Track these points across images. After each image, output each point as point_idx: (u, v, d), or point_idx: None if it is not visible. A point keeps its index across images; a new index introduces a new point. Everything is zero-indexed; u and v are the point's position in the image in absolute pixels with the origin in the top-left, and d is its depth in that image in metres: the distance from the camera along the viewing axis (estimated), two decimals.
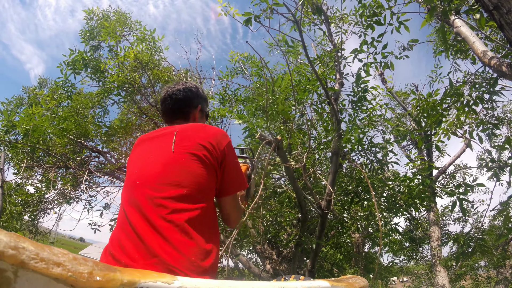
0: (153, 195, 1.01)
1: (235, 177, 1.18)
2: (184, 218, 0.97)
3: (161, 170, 1.06)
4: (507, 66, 3.06)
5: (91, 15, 6.45)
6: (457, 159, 9.34)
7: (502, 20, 2.40)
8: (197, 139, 1.10)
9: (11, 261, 0.44)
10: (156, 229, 0.95)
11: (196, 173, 1.05)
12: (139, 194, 1.04)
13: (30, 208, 5.45)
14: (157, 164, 1.08)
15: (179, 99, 1.34)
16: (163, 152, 1.10)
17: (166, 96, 1.34)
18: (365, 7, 4.06)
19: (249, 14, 3.36)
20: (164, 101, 1.35)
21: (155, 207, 0.98)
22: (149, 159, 1.12)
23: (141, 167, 1.12)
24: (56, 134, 5.44)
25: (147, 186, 1.04)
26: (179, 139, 1.11)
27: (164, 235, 0.94)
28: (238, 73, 6.35)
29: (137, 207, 1.02)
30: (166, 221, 0.96)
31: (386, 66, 4.11)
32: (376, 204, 2.77)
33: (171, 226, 0.95)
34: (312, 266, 4.18)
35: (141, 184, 1.06)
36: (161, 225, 0.95)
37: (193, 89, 1.38)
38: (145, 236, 0.95)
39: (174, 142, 1.10)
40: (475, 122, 4.15)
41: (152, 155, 1.13)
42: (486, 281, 8.42)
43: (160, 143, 1.15)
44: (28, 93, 7.84)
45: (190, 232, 0.96)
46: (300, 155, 4.03)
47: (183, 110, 1.34)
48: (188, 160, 1.06)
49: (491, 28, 4.39)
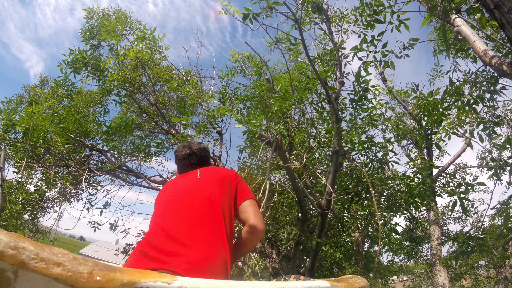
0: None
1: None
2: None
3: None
4: (508, 65, 3.05)
5: (91, 14, 6.44)
6: (458, 158, 9.33)
7: (503, 19, 2.40)
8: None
9: (11, 261, 0.43)
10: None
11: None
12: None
13: (30, 207, 5.44)
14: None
15: (201, 157, 1.76)
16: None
17: (191, 153, 1.73)
18: (365, 5, 4.05)
19: (248, 10, 3.35)
20: (188, 156, 1.73)
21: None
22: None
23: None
24: (56, 133, 5.43)
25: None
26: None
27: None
28: (239, 72, 6.34)
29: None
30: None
31: (386, 65, 4.10)
32: (376, 203, 2.77)
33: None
34: (312, 265, 4.17)
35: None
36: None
37: (207, 148, 1.83)
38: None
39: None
40: (476, 121, 4.14)
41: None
42: (486, 281, 8.43)
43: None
44: (29, 92, 7.82)
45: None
46: (300, 155, 4.03)
47: (204, 164, 1.78)
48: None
49: (492, 27, 4.37)
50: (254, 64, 5.92)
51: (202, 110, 6.98)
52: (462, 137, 4.41)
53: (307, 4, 4.15)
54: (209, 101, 6.22)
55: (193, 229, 1.22)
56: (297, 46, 5.45)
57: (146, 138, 7.20)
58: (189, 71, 7.41)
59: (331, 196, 3.90)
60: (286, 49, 5.26)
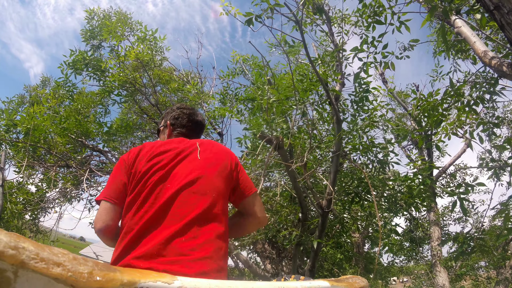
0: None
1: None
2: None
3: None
4: (508, 66, 3.06)
5: (92, 15, 6.46)
6: (458, 159, 9.32)
7: (502, 20, 2.40)
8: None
9: (11, 261, 0.43)
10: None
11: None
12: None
13: (31, 207, 5.46)
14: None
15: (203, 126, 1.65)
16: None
17: (202, 126, 1.61)
18: (366, 6, 4.05)
19: (250, 14, 3.36)
20: (200, 126, 1.60)
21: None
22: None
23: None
24: (57, 133, 5.45)
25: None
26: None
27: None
28: (239, 73, 6.36)
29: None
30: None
31: (386, 66, 4.11)
32: (376, 204, 2.77)
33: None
34: (312, 265, 4.17)
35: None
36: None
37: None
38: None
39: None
40: (476, 122, 4.14)
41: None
42: (486, 282, 8.41)
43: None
44: (30, 92, 7.85)
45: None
46: (301, 155, 4.03)
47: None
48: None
49: (492, 28, 4.38)
50: (255, 65, 5.92)
51: (203, 111, 6.99)
52: (462, 137, 4.41)
53: (308, 6, 4.15)
54: (210, 102, 6.23)
55: (197, 238, 1.07)
56: (298, 47, 5.46)
57: (147, 139, 7.21)
58: (189, 72, 7.42)
59: (332, 196, 3.90)
60: (287, 51, 5.26)
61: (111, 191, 1.22)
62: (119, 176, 1.26)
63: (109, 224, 1.18)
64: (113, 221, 1.19)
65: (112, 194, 1.22)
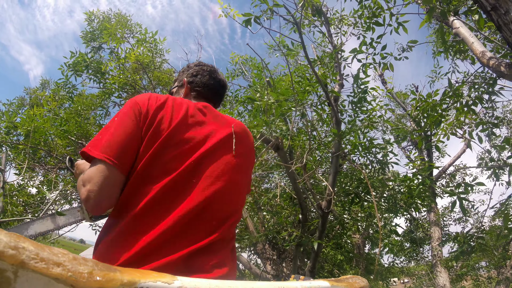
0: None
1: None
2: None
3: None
4: (506, 66, 3.07)
5: (92, 17, 6.49)
6: (457, 159, 9.34)
7: (500, 21, 2.42)
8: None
9: (11, 261, 0.44)
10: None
11: None
12: None
13: (32, 209, 5.47)
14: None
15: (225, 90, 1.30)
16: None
17: (224, 90, 1.27)
18: (364, 8, 4.07)
19: (249, 15, 3.38)
20: (222, 89, 1.26)
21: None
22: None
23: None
24: (57, 135, 5.46)
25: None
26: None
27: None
28: (239, 74, 6.37)
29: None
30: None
31: (385, 67, 4.12)
32: (376, 204, 2.78)
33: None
34: (313, 266, 4.18)
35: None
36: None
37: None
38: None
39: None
40: (475, 122, 4.15)
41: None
42: (487, 281, 8.40)
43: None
44: (30, 94, 7.87)
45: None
46: (301, 156, 4.04)
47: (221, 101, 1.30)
48: None
49: (490, 28, 4.39)
50: (254, 66, 5.94)
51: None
52: (461, 137, 4.42)
53: (307, 7, 4.17)
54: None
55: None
56: (297, 49, 5.48)
57: None
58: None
59: (331, 196, 3.91)
60: (286, 53, 5.28)
61: (117, 148, 0.81)
62: (132, 127, 0.85)
63: (113, 204, 0.82)
64: (116, 199, 0.83)
65: (118, 154, 0.81)
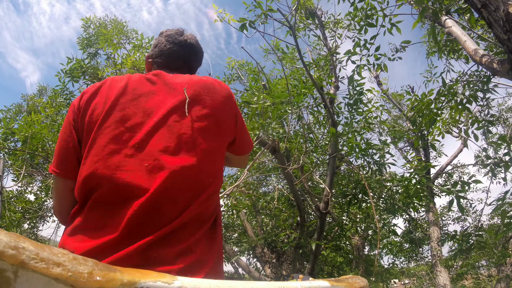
0: None
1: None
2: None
3: None
4: (498, 62, 3.10)
5: (88, 23, 6.51)
6: (454, 159, 9.38)
7: (490, 18, 2.45)
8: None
9: (11, 261, 0.45)
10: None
11: None
12: None
13: (30, 215, 5.45)
14: None
15: (194, 63, 1.09)
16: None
17: (191, 43, 1.06)
18: (358, 9, 4.11)
19: (244, 20, 3.41)
20: (189, 45, 1.05)
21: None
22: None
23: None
24: (55, 142, 5.45)
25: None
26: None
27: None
28: (235, 79, 6.40)
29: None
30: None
31: (379, 67, 4.16)
32: (373, 205, 2.79)
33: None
34: (312, 268, 4.18)
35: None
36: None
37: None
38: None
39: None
40: (470, 120, 4.18)
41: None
42: (487, 280, 8.41)
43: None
44: (27, 101, 7.86)
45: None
46: (298, 158, 4.05)
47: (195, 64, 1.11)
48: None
49: (482, 26, 4.44)
50: (250, 70, 5.97)
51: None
52: (457, 136, 4.45)
53: (301, 11, 4.21)
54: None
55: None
56: (292, 53, 5.51)
57: None
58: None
59: (329, 197, 3.93)
60: (282, 57, 5.32)
61: (58, 157, 0.85)
62: (66, 130, 0.85)
63: (71, 210, 0.86)
64: (73, 205, 0.85)
65: (59, 162, 0.85)
